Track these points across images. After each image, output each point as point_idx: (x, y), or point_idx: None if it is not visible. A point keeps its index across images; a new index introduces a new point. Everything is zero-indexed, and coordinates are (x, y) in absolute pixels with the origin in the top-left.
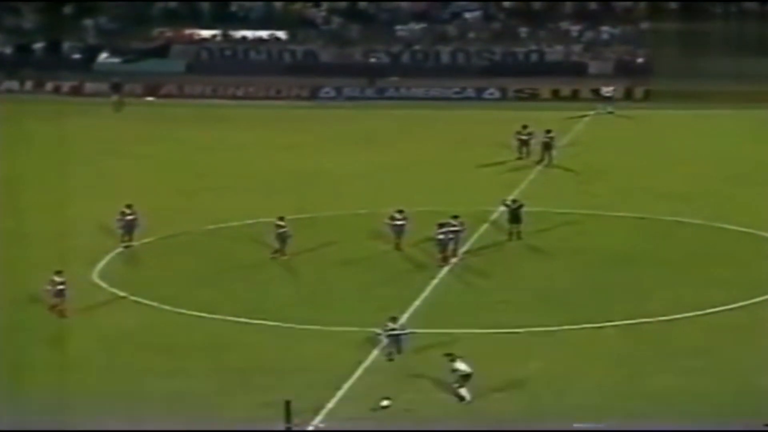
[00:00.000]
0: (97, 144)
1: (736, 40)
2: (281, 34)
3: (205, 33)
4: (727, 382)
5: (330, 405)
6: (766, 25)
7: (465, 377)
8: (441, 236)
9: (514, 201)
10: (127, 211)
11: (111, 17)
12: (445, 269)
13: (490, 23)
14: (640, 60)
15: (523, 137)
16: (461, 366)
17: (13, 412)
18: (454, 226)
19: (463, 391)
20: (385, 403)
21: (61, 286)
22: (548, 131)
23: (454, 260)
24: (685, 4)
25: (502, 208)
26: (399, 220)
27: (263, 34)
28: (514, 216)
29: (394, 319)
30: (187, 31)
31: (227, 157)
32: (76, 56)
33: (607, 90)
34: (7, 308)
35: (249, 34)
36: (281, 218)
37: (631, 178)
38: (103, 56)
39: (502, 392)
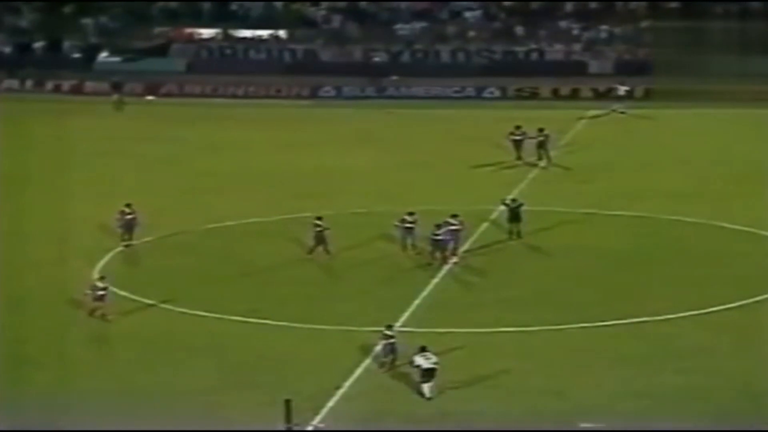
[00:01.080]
0: (97, 143)
1: (737, 39)
2: (281, 33)
3: (206, 32)
4: (727, 381)
5: (330, 404)
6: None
7: (426, 372)
8: (439, 237)
9: (513, 200)
10: (127, 210)
11: (111, 16)
12: (446, 268)
13: (490, 22)
14: (640, 59)
15: (517, 138)
16: (420, 360)
17: (13, 411)
18: (453, 225)
19: (425, 387)
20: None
21: (102, 292)
22: (541, 129)
23: (454, 259)
24: (685, 3)
25: (502, 208)
26: (410, 222)
27: (263, 33)
28: (514, 215)
29: (389, 327)
30: (188, 30)
31: (227, 156)
32: (77, 55)
33: (622, 89)
34: (6, 307)
35: (249, 33)
36: (319, 218)
37: (631, 176)
38: (104, 55)
39: (502, 391)
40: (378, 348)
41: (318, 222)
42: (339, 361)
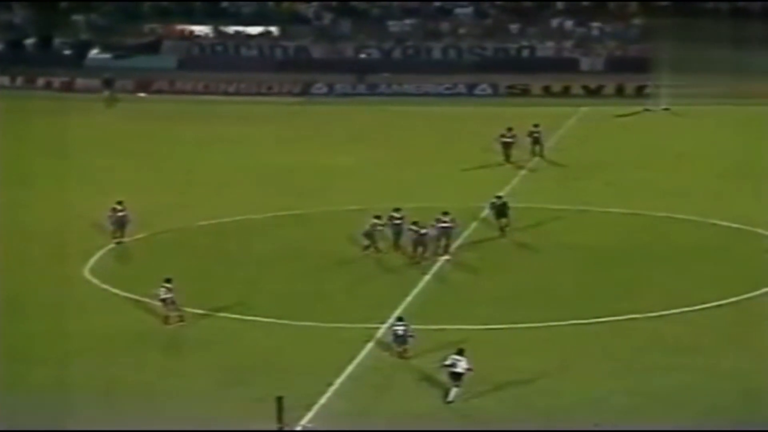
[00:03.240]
0: (89, 140)
1: (730, 36)
2: (273, 30)
3: (197, 29)
4: (719, 378)
5: (322, 401)
6: (759, 21)
7: (453, 375)
8: (422, 232)
9: (498, 197)
10: (119, 207)
11: (102, 13)
12: (437, 265)
13: (481, 19)
14: (631, 56)
15: (508, 140)
16: (448, 362)
17: (10, 411)
18: (445, 222)
19: (451, 392)
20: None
21: (168, 295)
22: (536, 125)
23: (446, 257)
24: (677, 1)
25: (487, 206)
26: (397, 219)
27: (255, 30)
28: (499, 212)
29: (400, 319)
30: (179, 27)
31: (219, 153)
32: (68, 52)
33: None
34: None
35: (241, 30)
36: (377, 216)
37: (622, 173)
38: (95, 52)
39: (493, 389)
40: (390, 338)
41: (375, 221)
42: (331, 358)
